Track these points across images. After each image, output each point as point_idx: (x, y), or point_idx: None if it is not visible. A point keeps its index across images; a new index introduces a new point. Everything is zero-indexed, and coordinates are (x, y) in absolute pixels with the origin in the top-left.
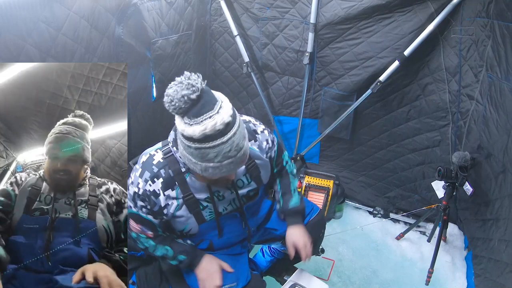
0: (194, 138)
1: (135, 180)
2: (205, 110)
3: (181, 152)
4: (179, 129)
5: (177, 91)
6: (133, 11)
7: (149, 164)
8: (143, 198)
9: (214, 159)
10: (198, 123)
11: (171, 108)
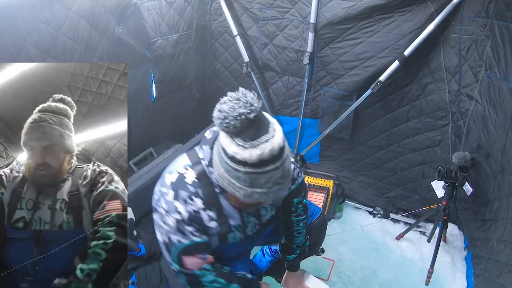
0: (248, 162)
1: (170, 206)
2: (262, 132)
3: (220, 174)
4: (229, 151)
5: (234, 108)
6: (133, 11)
7: (182, 184)
8: (190, 220)
9: (264, 185)
10: (254, 146)
11: (223, 126)
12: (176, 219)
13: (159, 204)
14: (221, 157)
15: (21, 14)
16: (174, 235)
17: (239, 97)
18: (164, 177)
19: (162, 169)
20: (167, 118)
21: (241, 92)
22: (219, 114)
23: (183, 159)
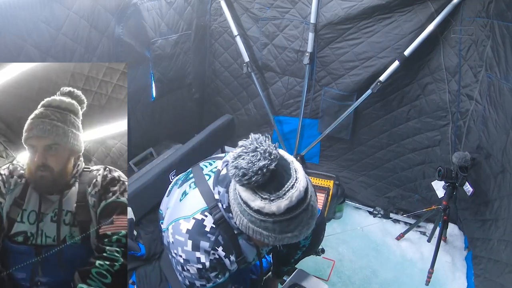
0: (276, 214)
1: (191, 256)
2: (286, 179)
3: (244, 224)
4: (254, 205)
5: (253, 163)
6: (132, 11)
7: (201, 233)
8: (212, 268)
9: (294, 229)
10: (281, 197)
11: (244, 182)
12: (198, 268)
13: (175, 252)
14: (242, 209)
15: (21, 14)
16: (198, 281)
17: (255, 147)
18: (178, 223)
19: (162, 169)
20: (166, 118)
21: (255, 141)
22: (236, 171)
23: (198, 201)
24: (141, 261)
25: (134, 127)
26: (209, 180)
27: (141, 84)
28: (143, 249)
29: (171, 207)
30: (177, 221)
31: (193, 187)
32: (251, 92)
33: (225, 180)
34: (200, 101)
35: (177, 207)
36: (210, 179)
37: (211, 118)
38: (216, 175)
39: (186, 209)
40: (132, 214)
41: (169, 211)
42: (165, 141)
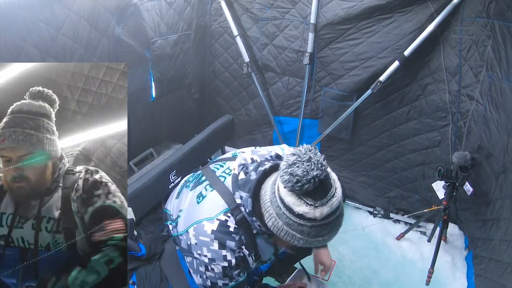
0: (317, 219)
1: (217, 255)
2: (329, 188)
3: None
4: (297, 210)
5: (307, 172)
6: (132, 11)
7: (228, 233)
8: (237, 265)
9: (326, 234)
10: (324, 204)
11: (295, 189)
12: (223, 267)
13: (199, 252)
14: (281, 212)
15: (21, 14)
16: (221, 280)
17: (310, 157)
18: (201, 224)
19: (162, 169)
20: (166, 118)
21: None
22: (290, 177)
23: (219, 203)
24: (141, 261)
25: (134, 127)
26: (225, 181)
27: (141, 84)
28: (143, 249)
29: (185, 209)
30: (199, 222)
31: (210, 189)
32: (251, 92)
33: (246, 185)
34: (200, 101)
35: (195, 210)
36: (226, 180)
37: (211, 118)
38: (234, 179)
39: (207, 211)
40: (132, 214)
41: (184, 214)
42: (165, 141)
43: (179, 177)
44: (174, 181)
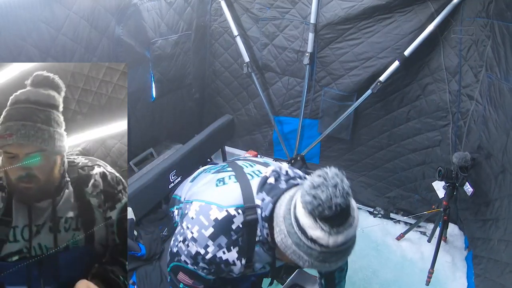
0: (330, 246)
1: (202, 239)
2: (348, 217)
3: (286, 244)
4: (311, 233)
5: (331, 198)
6: (132, 11)
7: (227, 229)
8: (210, 262)
9: (334, 261)
10: (341, 232)
11: (316, 212)
12: (197, 252)
13: (188, 226)
14: (293, 231)
15: (21, 14)
16: (186, 257)
17: (336, 183)
18: (210, 207)
19: (162, 169)
20: (166, 118)
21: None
22: (313, 200)
23: (237, 196)
24: (141, 261)
25: (134, 127)
26: (252, 180)
27: (141, 84)
28: (143, 249)
29: (199, 185)
30: (209, 203)
31: (233, 180)
32: (251, 92)
33: (272, 190)
34: (200, 101)
35: (210, 189)
36: (252, 180)
37: (211, 118)
38: (262, 181)
39: (222, 198)
40: (132, 214)
41: (196, 188)
42: (165, 141)
43: (179, 177)
44: (174, 181)
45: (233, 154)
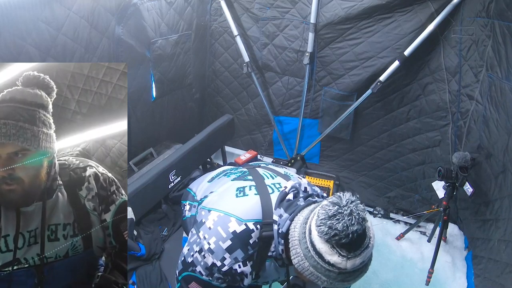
0: (348, 270)
1: (218, 251)
2: (364, 240)
3: (303, 266)
4: (328, 258)
5: (347, 227)
6: (132, 11)
7: (245, 243)
8: (225, 275)
9: (353, 280)
10: (357, 256)
11: (333, 241)
12: (213, 263)
13: (206, 236)
14: (310, 255)
15: (21, 14)
16: (201, 268)
17: (351, 210)
18: (229, 219)
19: (162, 169)
20: (166, 118)
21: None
22: (329, 230)
23: (257, 211)
24: (141, 261)
25: (134, 127)
26: (272, 194)
27: (142, 84)
28: (143, 249)
29: (218, 193)
30: (228, 215)
31: (254, 192)
32: (251, 92)
33: (290, 207)
34: (200, 101)
35: (230, 200)
36: (272, 194)
37: (211, 118)
38: (281, 197)
39: (242, 211)
40: (132, 214)
41: (216, 196)
42: (165, 141)
43: (179, 177)
44: (174, 181)
45: (233, 154)
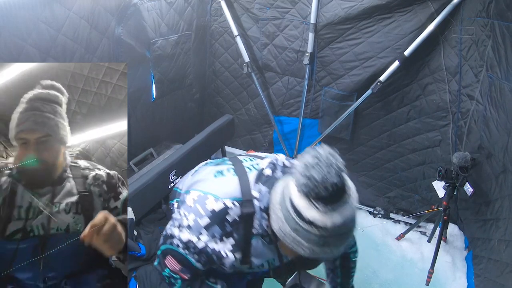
0: (328, 227)
1: (197, 227)
2: (343, 195)
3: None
4: (307, 215)
5: (327, 178)
6: (133, 11)
7: (222, 220)
8: (201, 251)
9: (335, 246)
10: (335, 210)
11: (311, 194)
12: (190, 240)
13: (185, 213)
14: (290, 217)
15: (21, 14)
16: (178, 242)
17: (331, 163)
18: (206, 197)
19: (162, 169)
20: (167, 118)
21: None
22: (308, 181)
23: (233, 187)
24: (141, 261)
25: (134, 127)
26: (250, 173)
27: (142, 84)
28: (143, 249)
29: (198, 177)
30: (206, 194)
31: (232, 173)
32: (251, 92)
33: (269, 181)
34: (201, 101)
35: (208, 180)
36: (250, 173)
37: (211, 118)
38: (259, 173)
39: (219, 189)
40: (132, 214)
41: (194, 178)
42: (165, 141)
43: (179, 177)
44: (174, 181)
45: (233, 154)
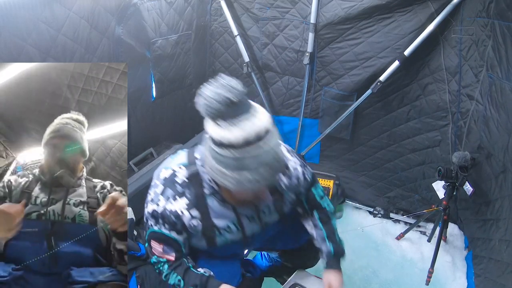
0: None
1: (155, 197)
2: (242, 111)
3: (210, 166)
4: (213, 135)
5: (218, 94)
6: (133, 11)
7: (172, 182)
8: (163, 216)
9: (253, 168)
10: (235, 124)
11: (209, 110)
12: (153, 209)
13: (149, 192)
14: (209, 147)
15: (21, 14)
16: (149, 220)
17: (222, 82)
18: (160, 170)
19: None
20: (167, 118)
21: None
22: (203, 101)
23: (181, 157)
24: (141, 261)
25: (134, 127)
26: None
27: (142, 84)
28: (143, 249)
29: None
30: (160, 168)
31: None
32: (251, 92)
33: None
34: None
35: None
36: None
37: None
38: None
39: (170, 162)
40: (132, 214)
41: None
42: (165, 141)
43: None
44: None
45: None
